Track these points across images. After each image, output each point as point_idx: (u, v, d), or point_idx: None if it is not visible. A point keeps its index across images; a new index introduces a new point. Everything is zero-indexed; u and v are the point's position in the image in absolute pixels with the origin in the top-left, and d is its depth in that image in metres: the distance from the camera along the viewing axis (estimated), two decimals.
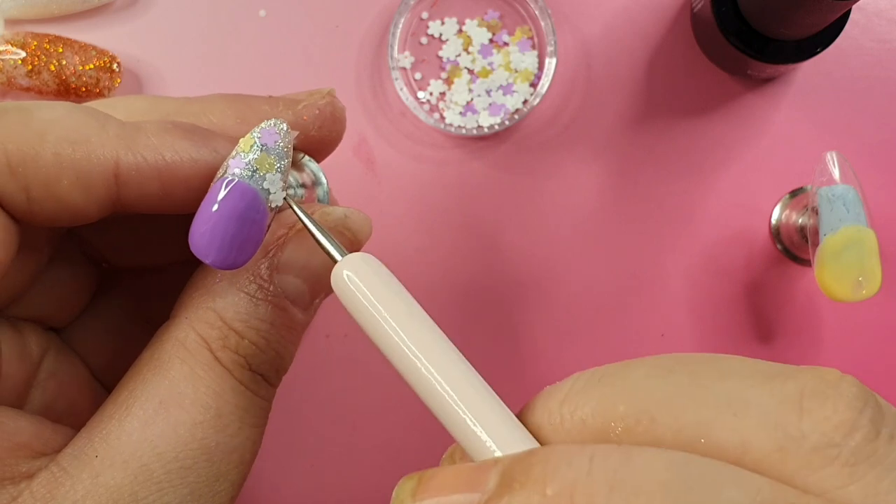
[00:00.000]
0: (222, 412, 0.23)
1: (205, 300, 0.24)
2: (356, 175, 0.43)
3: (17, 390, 0.25)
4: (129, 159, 0.23)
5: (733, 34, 0.40)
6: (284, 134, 0.24)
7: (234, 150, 0.24)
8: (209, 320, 0.24)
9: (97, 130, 0.23)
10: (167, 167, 0.23)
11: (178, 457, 0.22)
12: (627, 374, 0.19)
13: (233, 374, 0.24)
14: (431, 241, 0.43)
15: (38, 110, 0.23)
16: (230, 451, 0.24)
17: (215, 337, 0.24)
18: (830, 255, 0.35)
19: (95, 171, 0.23)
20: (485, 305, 0.43)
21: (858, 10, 0.43)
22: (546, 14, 0.43)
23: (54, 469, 0.22)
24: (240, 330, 0.24)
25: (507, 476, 0.18)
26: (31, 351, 0.26)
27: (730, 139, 0.43)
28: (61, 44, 0.42)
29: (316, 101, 0.27)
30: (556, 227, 0.43)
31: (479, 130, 0.42)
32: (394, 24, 0.43)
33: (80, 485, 0.22)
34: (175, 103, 0.27)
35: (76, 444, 0.23)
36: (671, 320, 0.43)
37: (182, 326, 0.24)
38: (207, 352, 0.24)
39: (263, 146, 0.23)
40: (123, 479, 0.22)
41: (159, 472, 0.22)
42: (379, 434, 0.42)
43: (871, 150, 0.43)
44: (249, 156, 0.23)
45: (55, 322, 0.28)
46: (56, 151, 0.22)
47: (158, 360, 0.24)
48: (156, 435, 0.22)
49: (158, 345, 0.24)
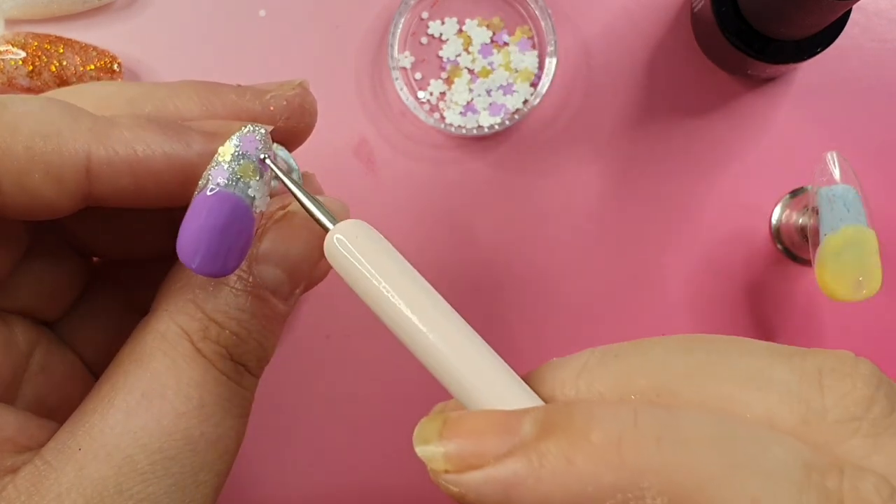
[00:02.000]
0: (205, 402, 0.23)
1: (184, 292, 0.24)
2: (356, 175, 0.43)
3: (4, 383, 0.25)
4: (101, 153, 0.23)
5: (733, 34, 0.40)
6: (264, 139, 0.24)
7: (214, 159, 0.23)
8: (189, 312, 0.24)
9: (69, 124, 0.23)
10: (139, 161, 0.23)
11: (162, 447, 0.22)
12: (646, 351, 0.19)
13: (214, 364, 0.24)
14: (431, 241, 0.43)
15: (13, 104, 0.23)
16: (214, 441, 0.24)
17: (196, 328, 0.24)
18: (830, 255, 0.35)
19: (66, 164, 0.23)
20: (484, 305, 0.43)
21: (858, 10, 0.43)
22: (546, 14, 0.43)
23: (38, 463, 0.22)
24: (220, 321, 0.24)
25: (547, 422, 0.18)
26: (18, 343, 0.26)
27: (730, 139, 0.43)
28: (62, 44, 0.42)
29: (285, 91, 0.27)
30: (555, 226, 0.43)
31: (480, 130, 0.42)
32: (394, 24, 0.43)
33: (65, 478, 0.22)
34: (141, 88, 0.27)
35: (59, 438, 0.23)
36: (671, 320, 0.43)
37: (163, 319, 0.24)
38: (188, 343, 0.24)
39: (244, 154, 0.23)
40: (108, 471, 0.22)
41: (144, 464, 0.22)
42: (379, 434, 0.42)
43: (871, 150, 0.43)
44: (231, 164, 0.23)
45: (44, 315, 0.28)
46: (27, 145, 0.22)
47: (140, 353, 0.24)
48: (139, 426, 0.22)
49: (140, 338, 0.24)
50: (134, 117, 0.24)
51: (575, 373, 0.20)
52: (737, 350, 0.19)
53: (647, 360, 0.19)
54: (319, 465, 0.42)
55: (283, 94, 0.27)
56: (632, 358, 0.19)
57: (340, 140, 0.43)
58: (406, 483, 0.42)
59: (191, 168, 0.24)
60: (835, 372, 0.18)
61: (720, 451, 0.17)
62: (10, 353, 0.26)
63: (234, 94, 0.27)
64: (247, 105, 0.27)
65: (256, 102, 0.27)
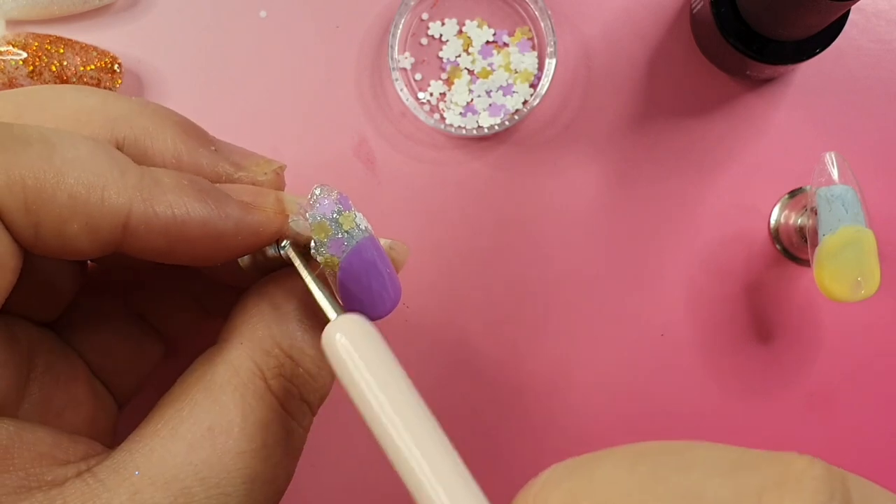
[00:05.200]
0: (268, 443, 0.24)
1: (261, 326, 0.24)
2: (356, 175, 0.43)
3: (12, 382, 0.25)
4: (141, 212, 0.23)
5: (733, 35, 0.40)
6: (330, 194, 0.24)
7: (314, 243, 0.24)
8: (266, 347, 0.24)
9: (116, 177, 0.23)
10: (176, 225, 0.23)
11: (220, 483, 0.23)
12: (595, 468, 0.19)
13: (283, 404, 0.24)
14: (431, 241, 0.43)
15: (62, 146, 0.22)
16: (269, 482, 0.24)
17: (271, 365, 0.24)
18: (829, 256, 0.35)
19: (106, 218, 0.22)
20: (484, 305, 0.43)
21: (858, 11, 0.43)
22: (546, 14, 0.43)
23: (89, 480, 0.22)
24: (297, 358, 0.24)
25: None
26: (21, 343, 0.26)
27: (729, 139, 0.43)
28: (62, 45, 0.42)
29: (257, 175, 0.28)
30: (555, 227, 0.43)
31: (480, 131, 0.42)
32: (394, 25, 0.43)
33: (117, 499, 0.22)
34: (126, 109, 0.26)
35: (116, 458, 0.23)
36: (671, 320, 0.43)
37: (237, 352, 0.24)
38: (261, 381, 0.24)
39: (331, 220, 0.24)
40: (163, 499, 0.22)
41: (200, 497, 0.22)
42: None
43: (870, 151, 0.43)
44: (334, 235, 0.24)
45: (42, 316, 0.28)
46: (72, 194, 0.22)
47: (210, 384, 0.24)
48: (201, 460, 0.22)
49: (209, 367, 0.24)
50: (177, 177, 0.24)
51: (534, 495, 0.20)
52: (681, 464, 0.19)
53: (592, 479, 0.19)
54: (319, 464, 0.43)
55: (255, 177, 0.28)
56: (581, 476, 0.19)
57: (340, 140, 0.43)
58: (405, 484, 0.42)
59: (224, 237, 0.24)
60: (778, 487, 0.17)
61: None
62: (14, 353, 0.26)
63: (207, 159, 0.27)
64: (217, 172, 0.27)
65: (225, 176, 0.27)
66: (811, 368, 0.43)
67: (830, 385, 0.43)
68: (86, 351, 0.29)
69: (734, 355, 0.43)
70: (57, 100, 0.25)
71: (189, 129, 0.27)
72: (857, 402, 0.42)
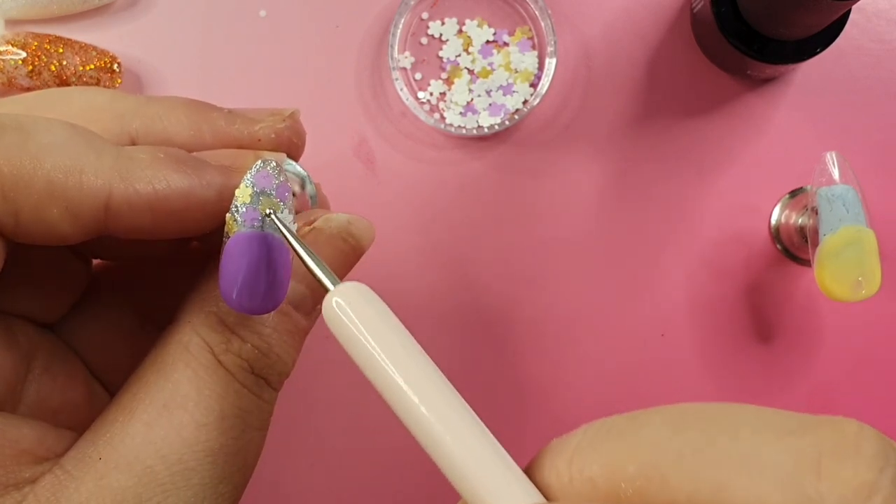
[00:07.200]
0: (226, 415, 0.24)
1: (207, 304, 0.24)
2: (356, 175, 0.43)
3: (7, 384, 0.25)
4: (121, 191, 0.23)
5: (733, 34, 0.40)
6: (276, 171, 0.24)
7: (234, 204, 0.24)
8: (212, 325, 0.24)
9: (93, 160, 0.23)
10: (158, 200, 0.23)
11: (182, 459, 0.22)
12: (637, 430, 0.19)
13: (235, 377, 0.24)
14: (431, 241, 0.43)
15: (37, 132, 0.22)
16: (234, 454, 0.24)
17: (218, 341, 0.24)
18: (830, 255, 0.35)
19: (86, 201, 0.22)
20: (485, 305, 0.43)
21: (858, 11, 0.43)
22: (546, 14, 0.43)
23: (58, 472, 0.22)
24: (242, 334, 0.24)
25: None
26: (19, 345, 0.26)
27: (730, 139, 0.43)
28: (62, 44, 0.42)
29: (275, 123, 0.27)
30: (555, 226, 0.43)
31: (480, 130, 0.42)
32: (394, 25, 0.43)
33: (84, 487, 0.22)
34: (132, 103, 0.26)
35: (80, 448, 0.23)
36: (671, 320, 0.43)
37: (185, 330, 0.24)
38: (210, 355, 0.24)
39: (262, 191, 0.23)
40: (128, 481, 0.22)
41: (163, 475, 0.22)
42: (379, 434, 0.42)
43: (871, 150, 0.43)
44: (251, 206, 0.23)
45: (45, 317, 0.28)
46: (49, 179, 0.22)
47: (162, 364, 0.24)
48: (160, 437, 0.22)
49: (162, 349, 0.24)
50: (152, 152, 0.24)
51: (568, 458, 0.19)
52: (732, 427, 0.18)
53: (637, 442, 0.18)
54: (319, 464, 0.42)
55: (273, 125, 0.27)
56: (623, 438, 0.19)
57: (340, 140, 0.43)
58: (405, 484, 0.42)
59: (208, 204, 0.24)
60: (835, 453, 0.17)
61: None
62: (12, 354, 0.26)
63: (224, 120, 0.27)
64: (235, 133, 0.27)
65: (245, 132, 0.27)
66: (811, 368, 0.43)
67: (830, 385, 0.43)
68: (86, 351, 0.29)
69: (734, 355, 0.43)
70: (65, 100, 0.25)
71: (198, 103, 0.27)
72: (858, 401, 0.42)
